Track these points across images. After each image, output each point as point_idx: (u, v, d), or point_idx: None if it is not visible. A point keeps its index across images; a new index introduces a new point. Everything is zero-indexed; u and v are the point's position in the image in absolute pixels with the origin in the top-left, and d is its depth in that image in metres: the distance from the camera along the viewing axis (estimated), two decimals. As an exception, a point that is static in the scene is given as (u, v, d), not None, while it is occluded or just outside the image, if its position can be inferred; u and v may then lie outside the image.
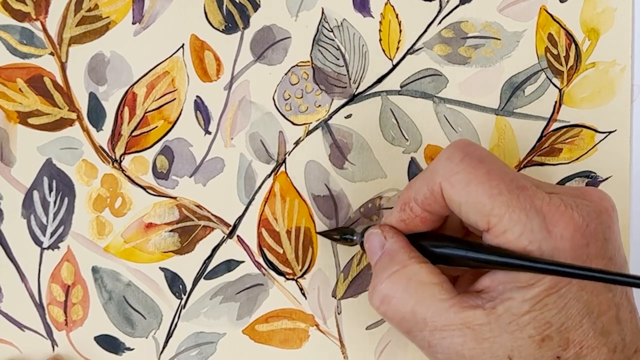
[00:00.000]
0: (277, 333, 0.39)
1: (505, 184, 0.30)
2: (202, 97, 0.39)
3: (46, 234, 0.38)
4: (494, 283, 0.31)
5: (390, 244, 0.33)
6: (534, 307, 0.30)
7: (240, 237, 0.39)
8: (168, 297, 0.39)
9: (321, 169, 0.40)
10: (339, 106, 0.40)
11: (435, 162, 0.32)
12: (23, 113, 0.38)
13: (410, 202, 0.33)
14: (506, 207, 0.30)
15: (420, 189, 0.32)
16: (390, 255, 0.33)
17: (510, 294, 0.30)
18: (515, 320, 0.30)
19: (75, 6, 0.38)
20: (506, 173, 0.31)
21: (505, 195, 0.30)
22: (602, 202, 0.32)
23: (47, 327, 0.38)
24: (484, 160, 0.31)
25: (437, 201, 0.32)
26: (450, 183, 0.31)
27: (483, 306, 0.30)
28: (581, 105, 0.40)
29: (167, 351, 0.39)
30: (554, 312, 0.30)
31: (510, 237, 0.30)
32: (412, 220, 0.33)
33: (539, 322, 0.30)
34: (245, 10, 0.39)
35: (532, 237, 0.30)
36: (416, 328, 0.31)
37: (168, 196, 0.39)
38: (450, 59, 0.40)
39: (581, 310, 0.30)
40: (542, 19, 0.40)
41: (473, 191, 0.31)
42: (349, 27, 0.39)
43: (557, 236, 0.30)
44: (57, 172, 0.38)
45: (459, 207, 0.31)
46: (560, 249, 0.30)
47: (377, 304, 0.33)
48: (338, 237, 0.38)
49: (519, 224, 0.30)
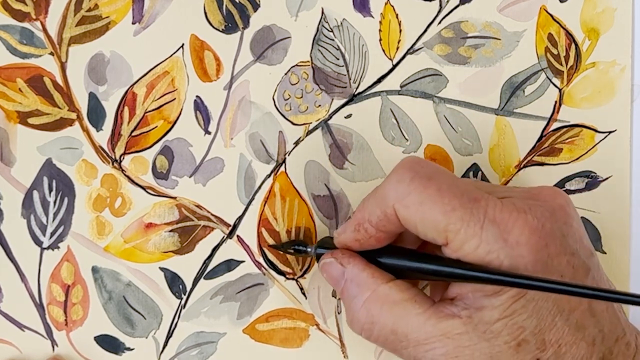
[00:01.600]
0: (277, 332, 0.39)
1: (457, 198, 0.31)
2: (202, 97, 0.39)
3: (46, 234, 0.38)
4: (463, 291, 0.31)
5: (351, 270, 0.34)
6: (503, 314, 0.30)
7: (240, 237, 0.39)
8: (168, 297, 0.39)
9: (321, 169, 0.40)
10: (339, 106, 0.39)
11: (385, 184, 0.33)
12: (23, 113, 0.38)
13: (364, 223, 0.33)
14: (461, 222, 0.30)
15: (373, 211, 0.33)
16: (355, 282, 0.33)
17: (481, 303, 0.30)
18: (489, 328, 0.30)
19: (75, 6, 0.38)
20: (457, 187, 0.31)
21: (459, 210, 0.30)
22: (556, 200, 0.32)
23: (47, 327, 0.38)
24: (432, 177, 0.32)
25: (392, 222, 0.32)
26: (404, 205, 0.31)
27: (459, 315, 0.31)
28: (581, 105, 0.40)
29: (167, 351, 0.39)
30: (524, 316, 0.30)
31: (468, 250, 0.30)
32: (366, 240, 0.33)
33: (511, 328, 0.30)
34: (245, 10, 0.39)
35: (489, 247, 0.30)
36: (400, 346, 0.32)
37: (168, 196, 0.39)
38: (450, 59, 0.40)
39: (552, 310, 0.30)
40: (542, 19, 0.40)
41: (427, 210, 0.31)
42: (349, 27, 0.39)
43: (513, 243, 0.30)
44: (57, 172, 0.38)
45: (415, 226, 0.32)
46: (518, 255, 0.30)
47: (358, 331, 0.33)
48: (291, 250, 0.38)
49: (475, 237, 0.30)
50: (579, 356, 0.30)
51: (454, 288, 0.32)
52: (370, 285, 0.33)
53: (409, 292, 0.32)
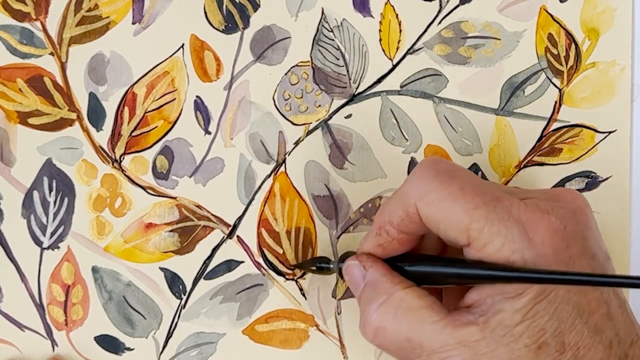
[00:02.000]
0: (277, 333, 0.39)
1: (480, 197, 0.30)
2: (202, 97, 0.39)
3: (46, 234, 0.38)
4: (482, 297, 0.31)
5: (372, 274, 0.33)
6: (525, 317, 0.30)
7: (240, 237, 0.39)
8: (168, 297, 0.39)
9: (321, 169, 0.40)
10: (339, 106, 0.40)
11: (407, 183, 0.32)
12: (23, 113, 0.38)
13: (386, 225, 0.33)
14: (484, 220, 0.30)
15: (395, 211, 0.32)
16: (374, 286, 0.33)
17: (500, 306, 0.30)
18: (509, 332, 0.30)
19: (75, 6, 0.38)
20: (479, 186, 0.31)
21: (482, 208, 0.30)
22: (576, 202, 0.32)
23: (47, 327, 0.38)
24: (454, 175, 0.31)
25: (414, 221, 0.32)
26: (426, 202, 0.31)
27: (476, 322, 0.30)
28: (581, 105, 0.40)
29: (167, 351, 0.39)
30: (546, 319, 0.30)
31: (492, 250, 0.30)
32: (389, 244, 0.33)
33: (532, 331, 0.30)
34: (245, 10, 0.39)
35: (514, 247, 0.30)
36: (414, 354, 0.31)
37: (168, 196, 0.39)
38: (450, 59, 0.40)
39: (572, 312, 0.30)
40: (542, 19, 0.40)
41: (449, 208, 0.30)
42: (349, 27, 0.39)
43: (537, 243, 0.30)
44: (57, 172, 0.38)
45: (437, 225, 0.31)
46: (543, 254, 0.30)
47: (370, 337, 0.33)
48: (314, 268, 0.38)
49: (499, 235, 0.30)
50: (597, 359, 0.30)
51: (471, 294, 0.31)
52: (388, 290, 0.32)
53: (425, 300, 0.32)
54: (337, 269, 0.36)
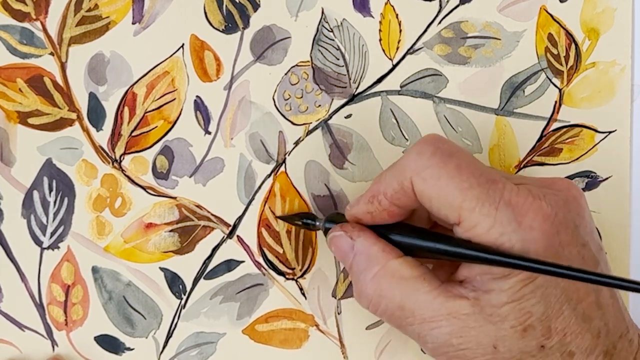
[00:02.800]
0: (277, 333, 0.39)
1: (476, 177, 0.31)
2: (202, 97, 0.39)
3: (46, 233, 0.38)
4: (471, 274, 0.31)
5: (361, 243, 0.33)
6: (511, 298, 0.30)
7: (240, 237, 0.39)
8: (168, 297, 0.39)
9: (321, 169, 0.40)
10: (339, 106, 0.40)
11: (406, 157, 0.33)
12: (23, 113, 0.38)
13: (379, 195, 0.33)
14: (476, 200, 0.30)
15: (390, 183, 0.33)
16: (365, 255, 0.33)
17: (489, 286, 0.30)
18: (496, 312, 0.30)
19: (75, 6, 0.38)
20: (476, 167, 0.31)
21: (476, 189, 0.30)
22: (570, 191, 0.32)
23: (47, 327, 0.38)
24: (453, 154, 0.32)
25: (407, 195, 0.32)
26: (422, 177, 0.31)
27: (467, 296, 0.31)
28: (581, 105, 0.40)
29: (167, 351, 0.39)
30: (533, 302, 0.30)
31: (481, 231, 0.30)
32: (379, 213, 0.33)
33: (519, 313, 0.30)
34: (245, 10, 0.39)
35: (502, 229, 0.30)
36: (406, 322, 0.32)
37: (168, 196, 0.39)
38: (450, 59, 0.40)
39: (560, 298, 0.30)
40: (542, 19, 0.40)
41: (444, 185, 0.31)
42: (348, 27, 0.39)
43: (526, 227, 0.30)
44: (57, 172, 0.38)
45: (430, 201, 0.32)
46: (531, 239, 0.30)
47: (366, 304, 0.33)
48: (299, 222, 0.38)
49: (489, 217, 0.30)
50: (584, 347, 0.30)
51: (462, 270, 0.32)
52: (380, 260, 0.33)
53: (418, 270, 0.32)
54: (323, 227, 0.36)
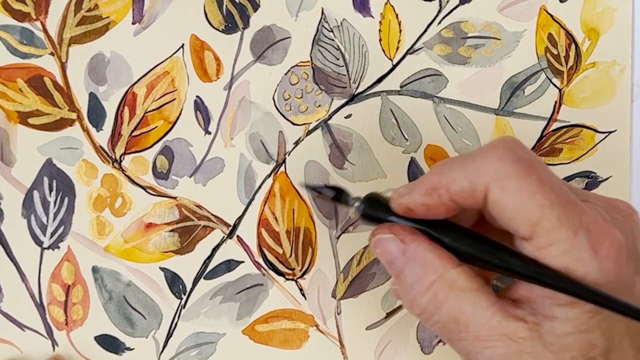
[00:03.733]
0: (276, 333, 0.39)
1: (557, 195, 0.29)
2: (202, 97, 0.39)
3: (46, 233, 0.38)
4: (531, 295, 0.29)
5: (415, 249, 0.31)
6: (577, 329, 0.28)
7: (240, 237, 0.39)
8: (168, 297, 0.39)
9: (321, 169, 0.40)
10: (339, 106, 0.40)
11: (482, 158, 0.30)
12: (23, 113, 0.38)
13: (440, 189, 0.30)
14: (556, 220, 0.28)
15: (457, 180, 0.30)
16: (420, 262, 0.31)
17: (552, 312, 0.29)
18: (558, 341, 0.28)
19: (75, 6, 0.38)
20: (555, 182, 0.29)
21: (557, 208, 0.28)
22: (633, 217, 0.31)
23: (47, 327, 0.38)
24: (534, 166, 0.29)
25: (474, 197, 0.30)
26: (501, 186, 0.29)
27: (525, 319, 0.29)
28: (581, 105, 0.40)
29: (167, 351, 0.39)
30: (597, 334, 0.28)
31: (555, 252, 0.28)
32: (436, 208, 0.30)
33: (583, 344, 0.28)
34: (245, 10, 0.39)
35: (578, 255, 0.28)
36: (458, 337, 0.30)
37: (168, 196, 0.39)
38: (450, 59, 0.40)
39: (621, 331, 0.29)
40: (542, 19, 0.40)
41: (524, 198, 0.29)
42: (348, 27, 0.39)
43: (602, 257, 0.28)
44: (57, 172, 0.38)
45: (503, 211, 0.29)
46: (605, 269, 0.28)
47: (418, 313, 0.31)
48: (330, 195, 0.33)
49: (566, 240, 0.28)
50: None
51: (520, 289, 0.30)
52: (438, 268, 0.30)
53: (476, 282, 0.30)
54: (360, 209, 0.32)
